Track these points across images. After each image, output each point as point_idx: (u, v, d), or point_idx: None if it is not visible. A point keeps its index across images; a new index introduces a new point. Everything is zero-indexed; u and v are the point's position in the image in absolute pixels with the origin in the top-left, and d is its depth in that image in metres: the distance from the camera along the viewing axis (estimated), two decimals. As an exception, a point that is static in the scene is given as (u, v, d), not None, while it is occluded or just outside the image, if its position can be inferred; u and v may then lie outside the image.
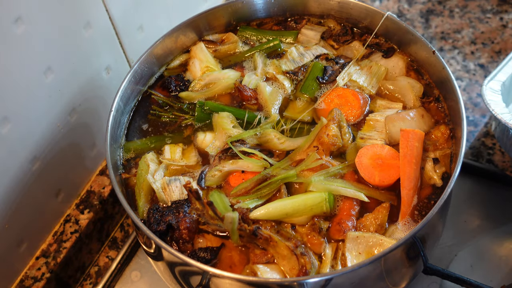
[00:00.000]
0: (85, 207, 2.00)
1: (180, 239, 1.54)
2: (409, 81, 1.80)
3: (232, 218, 1.48)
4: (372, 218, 1.56)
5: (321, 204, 1.56)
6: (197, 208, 1.52)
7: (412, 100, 1.76)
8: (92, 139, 2.03)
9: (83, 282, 2.01)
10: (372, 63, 1.86)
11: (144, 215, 1.61)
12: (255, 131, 1.72)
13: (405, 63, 1.86)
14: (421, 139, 1.63)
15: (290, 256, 1.48)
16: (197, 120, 1.79)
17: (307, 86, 1.83)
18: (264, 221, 1.56)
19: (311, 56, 1.91)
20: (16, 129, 1.68)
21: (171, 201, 1.61)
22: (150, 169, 1.67)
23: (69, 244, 1.93)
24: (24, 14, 1.59)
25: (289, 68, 1.89)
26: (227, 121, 1.74)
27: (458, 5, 2.63)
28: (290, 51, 1.92)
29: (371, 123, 1.72)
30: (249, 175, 1.64)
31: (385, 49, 1.90)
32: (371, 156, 1.63)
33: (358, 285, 1.49)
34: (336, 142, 1.66)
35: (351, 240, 1.51)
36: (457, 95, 1.64)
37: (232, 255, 1.54)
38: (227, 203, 1.59)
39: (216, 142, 1.73)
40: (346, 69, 1.85)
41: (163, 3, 2.12)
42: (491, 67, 2.40)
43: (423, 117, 1.72)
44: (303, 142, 1.68)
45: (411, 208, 1.56)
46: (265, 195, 1.60)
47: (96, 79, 1.96)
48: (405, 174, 1.58)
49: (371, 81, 1.82)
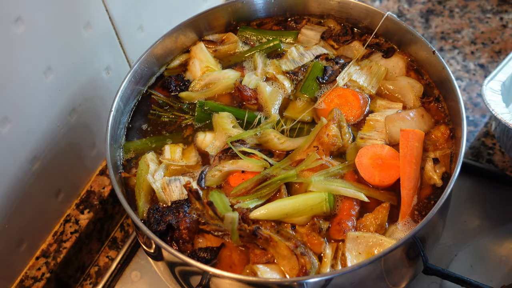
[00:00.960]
0: (85, 207, 2.00)
1: (180, 239, 1.54)
2: (409, 81, 1.80)
3: (232, 218, 1.48)
4: (372, 218, 1.56)
5: (321, 204, 1.56)
6: (197, 208, 1.52)
7: (412, 100, 1.76)
8: (92, 139, 2.03)
9: (83, 282, 2.01)
10: (372, 63, 1.86)
11: (144, 215, 1.61)
12: (255, 131, 1.72)
13: (405, 63, 1.86)
14: (421, 139, 1.63)
15: (290, 256, 1.48)
16: (197, 120, 1.79)
17: (307, 86, 1.83)
18: (264, 221, 1.55)
19: (311, 56, 1.91)
20: (16, 129, 1.68)
21: (171, 201, 1.61)
22: (150, 169, 1.67)
23: (69, 244, 1.93)
24: (24, 14, 1.59)
25: (289, 68, 1.89)
26: (227, 121, 1.74)
27: (458, 5, 2.63)
28: (290, 51, 1.92)
29: (371, 123, 1.72)
30: (249, 175, 1.64)
31: (385, 49, 1.90)
32: (371, 156, 1.63)
33: (358, 285, 1.49)
34: (336, 142, 1.66)
35: (351, 240, 1.51)
36: (457, 95, 1.63)
37: (232, 255, 1.54)
38: (227, 203, 1.59)
39: (216, 142, 1.73)
40: (346, 69, 1.85)
41: (163, 3, 2.12)
42: (491, 67, 2.40)
43: (423, 117, 1.72)
44: (303, 142, 1.68)
45: (411, 208, 1.56)
46: (265, 195, 1.60)
47: (96, 79, 1.96)
48: (405, 174, 1.58)
49: (371, 81, 1.82)
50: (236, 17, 2.01)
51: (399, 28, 1.85)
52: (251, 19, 2.03)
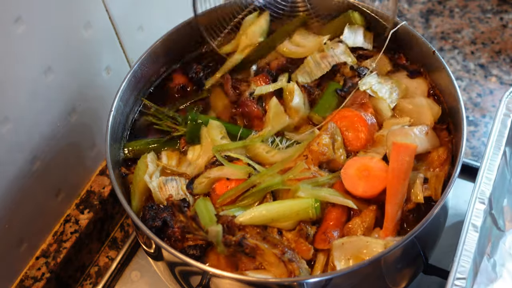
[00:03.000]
0: (85, 207, 2.00)
1: (172, 237, 1.53)
2: (429, 102, 1.73)
3: (216, 232, 1.46)
4: (360, 221, 1.53)
5: (308, 210, 1.52)
6: (181, 220, 1.51)
7: (429, 120, 1.68)
8: (92, 139, 2.03)
9: (83, 282, 2.01)
10: (394, 78, 1.78)
11: (138, 214, 1.61)
12: (244, 143, 1.67)
13: (427, 87, 1.78)
14: (412, 154, 1.55)
15: (278, 263, 1.46)
16: (188, 137, 1.74)
17: (320, 106, 1.74)
18: (250, 226, 1.52)
19: (327, 66, 1.79)
20: (16, 129, 1.68)
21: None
22: (148, 170, 1.66)
23: (69, 244, 1.93)
24: (24, 14, 1.59)
25: (306, 81, 1.80)
26: (216, 132, 1.70)
27: (458, 5, 2.63)
28: (308, 61, 1.82)
29: (378, 139, 1.67)
30: (234, 183, 1.60)
31: (411, 69, 1.81)
32: (358, 167, 1.58)
33: (358, 285, 1.49)
34: (326, 152, 1.59)
35: (337, 248, 1.48)
36: (457, 95, 1.63)
37: (220, 259, 1.52)
38: (213, 212, 1.54)
39: (199, 160, 1.68)
40: (367, 78, 1.74)
41: (163, 3, 2.12)
42: (491, 67, 2.40)
43: (427, 135, 1.64)
44: (293, 152, 1.63)
45: (394, 223, 1.51)
46: (250, 204, 1.57)
47: (96, 79, 1.96)
48: (392, 189, 1.53)
49: (391, 95, 1.73)
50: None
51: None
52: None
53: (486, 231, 1.60)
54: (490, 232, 1.64)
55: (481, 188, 1.59)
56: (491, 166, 1.63)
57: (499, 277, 1.61)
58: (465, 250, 1.50)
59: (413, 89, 1.78)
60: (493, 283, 1.59)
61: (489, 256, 1.62)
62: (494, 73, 2.38)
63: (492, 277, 1.60)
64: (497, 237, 1.68)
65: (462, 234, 1.52)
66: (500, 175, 1.67)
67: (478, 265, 1.58)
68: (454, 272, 1.47)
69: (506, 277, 1.61)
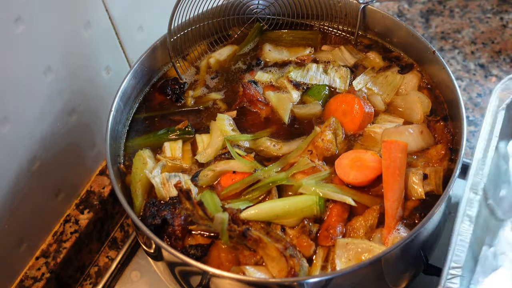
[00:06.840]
0: (85, 207, 2.00)
1: (173, 236, 1.53)
2: (419, 96, 1.77)
3: (222, 219, 1.47)
4: (362, 221, 1.54)
5: (312, 207, 1.54)
6: (187, 208, 1.51)
7: (419, 114, 1.72)
8: (92, 139, 2.03)
9: (83, 282, 2.01)
10: (388, 72, 1.85)
11: (141, 212, 1.61)
12: (254, 136, 1.73)
13: (418, 81, 1.83)
14: (404, 150, 1.57)
15: (279, 257, 1.47)
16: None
17: (314, 90, 1.82)
18: (254, 222, 1.54)
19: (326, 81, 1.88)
20: (16, 129, 1.68)
21: (170, 197, 1.61)
22: (148, 166, 1.67)
23: (69, 244, 1.93)
24: (24, 14, 1.59)
25: (300, 81, 1.87)
26: (227, 123, 1.74)
27: (458, 5, 2.63)
28: (310, 65, 1.90)
29: (372, 135, 1.71)
30: (240, 176, 1.62)
31: (403, 64, 1.88)
32: (352, 158, 1.62)
33: (358, 285, 1.49)
34: (330, 148, 1.66)
35: (341, 246, 1.49)
36: (457, 95, 1.63)
37: (221, 255, 1.52)
38: (219, 203, 1.57)
39: (208, 149, 1.71)
40: (362, 76, 1.85)
41: (163, 3, 2.12)
42: (491, 67, 2.40)
43: (422, 133, 1.68)
44: (297, 147, 1.68)
45: (395, 220, 1.53)
46: (255, 198, 1.59)
47: (96, 79, 1.96)
48: (388, 185, 1.54)
49: (386, 89, 1.81)
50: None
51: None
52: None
53: (483, 221, 1.61)
54: (488, 223, 1.65)
55: (475, 179, 1.61)
56: (484, 158, 1.66)
57: (500, 266, 1.62)
58: (460, 240, 1.51)
59: (404, 84, 1.83)
60: (494, 272, 1.60)
61: (489, 246, 1.63)
62: (494, 73, 2.38)
63: (493, 266, 1.61)
64: (496, 227, 1.69)
65: (455, 225, 1.54)
66: (495, 165, 1.68)
67: (477, 255, 1.59)
68: (449, 261, 1.48)
69: (507, 265, 1.62)
